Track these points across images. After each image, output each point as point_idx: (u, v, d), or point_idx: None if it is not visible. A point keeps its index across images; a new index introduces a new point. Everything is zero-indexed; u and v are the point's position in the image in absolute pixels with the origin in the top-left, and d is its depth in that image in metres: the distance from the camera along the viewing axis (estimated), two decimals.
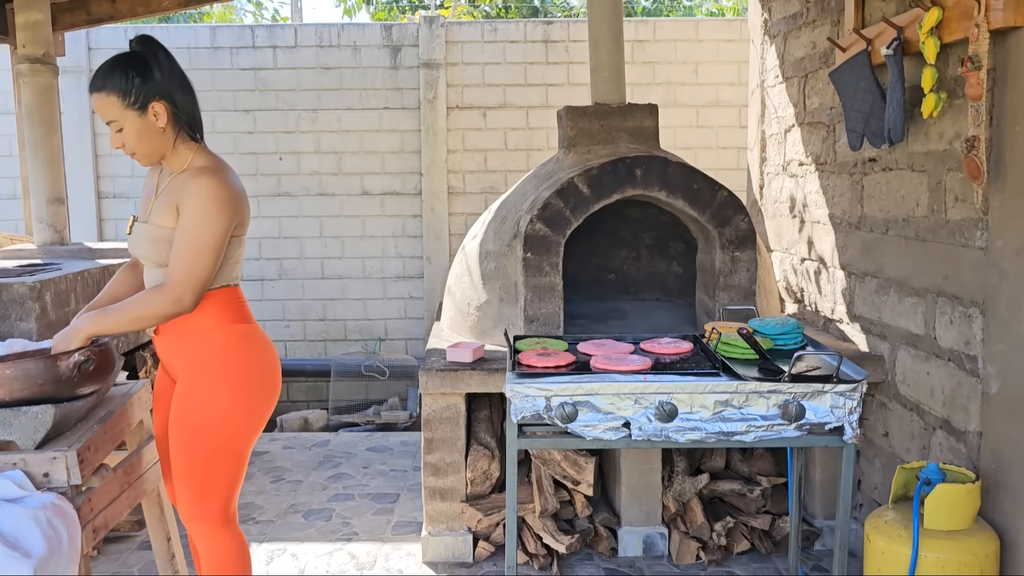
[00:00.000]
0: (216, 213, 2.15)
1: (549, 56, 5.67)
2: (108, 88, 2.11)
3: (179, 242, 2.14)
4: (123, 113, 2.12)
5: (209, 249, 2.15)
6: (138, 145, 2.17)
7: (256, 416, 2.30)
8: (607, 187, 3.30)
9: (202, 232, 2.14)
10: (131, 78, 2.12)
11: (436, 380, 3.12)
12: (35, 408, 2.05)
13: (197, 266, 2.14)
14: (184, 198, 2.15)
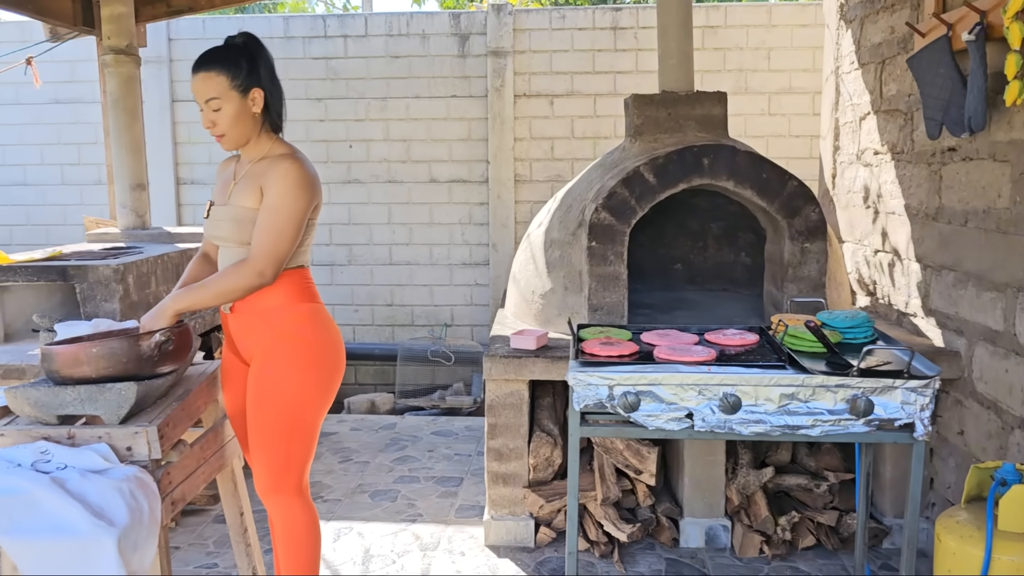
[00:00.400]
0: (298, 194, 2.28)
1: (617, 43, 5.63)
2: (218, 68, 2.24)
3: (263, 220, 2.27)
4: (227, 93, 2.24)
5: (290, 226, 2.27)
6: (231, 127, 2.29)
7: (326, 391, 2.41)
8: (673, 176, 3.27)
9: (285, 211, 2.27)
10: (240, 63, 2.27)
11: (500, 366, 3.16)
12: (119, 385, 2.15)
13: (279, 242, 2.27)
14: (268, 180, 2.28)
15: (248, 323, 2.38)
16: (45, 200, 6.14)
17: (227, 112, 2.27)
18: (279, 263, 2.28)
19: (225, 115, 2.27)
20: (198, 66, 2.27)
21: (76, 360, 2.14)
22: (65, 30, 4.75)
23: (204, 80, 2.25)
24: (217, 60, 2.26)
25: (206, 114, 2.29)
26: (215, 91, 2.25)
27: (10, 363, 3.16)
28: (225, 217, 2.36)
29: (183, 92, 5.94)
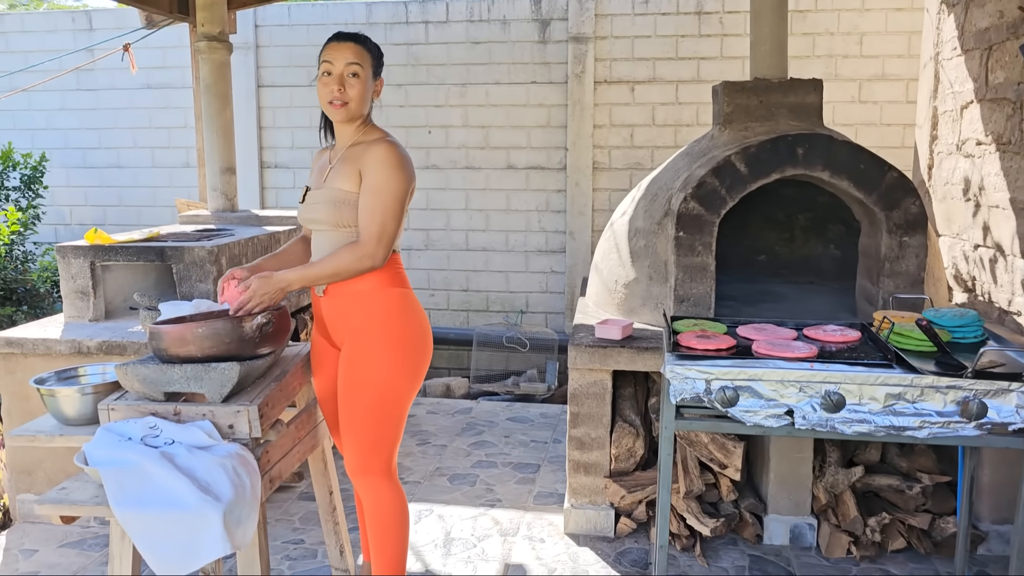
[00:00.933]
0: (398, 175, 2.33)
1: (702, 28, 5.52)
2: (367, 46, 2.39)
3: (366, 203, 2.32)
4: (367, 70, 2.36)
5: (394, 206, 2.33)
6: (356, 99, 2.37)
7: (415, 376, 2.46)
8: (765, 166, 3.20)
9: (387, 191, 2.32)
10: (378, 54, 2.43)
11: (585, 356, 3.15)
12: (223, 365, 2.22)
13: (386, 223, 2.33)
14: (367, 163, 2.34)
15: (341, 307, 2.43)
16: (137, 182, 6.35)
17: (360, 86, 2.35)
18: (389, 244, 2.34)
19: (357, 86, 2.35)
20: (347, 36, 2.38)
21: (183, 340, 2.21)
22: (160, 17, 4.89)
23: (354, 48, 2.36)
24: (366, 41, 2.39)
25: (337, 78, 2.35)
26: (360, 60, 2.35)
27: (112, 339, 3.29)
28: (320, 200, 2.41)
29: (269, 78, 6.07)
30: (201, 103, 4.49)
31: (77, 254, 3.51)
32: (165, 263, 3.50)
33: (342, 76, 2.34)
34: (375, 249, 2.32)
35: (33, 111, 6.40)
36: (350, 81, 2.34)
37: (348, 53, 2.34)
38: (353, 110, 2.38)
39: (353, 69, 2.33)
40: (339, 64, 2.35)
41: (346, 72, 2.34)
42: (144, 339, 3.26)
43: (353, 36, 2.38)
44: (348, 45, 2.35)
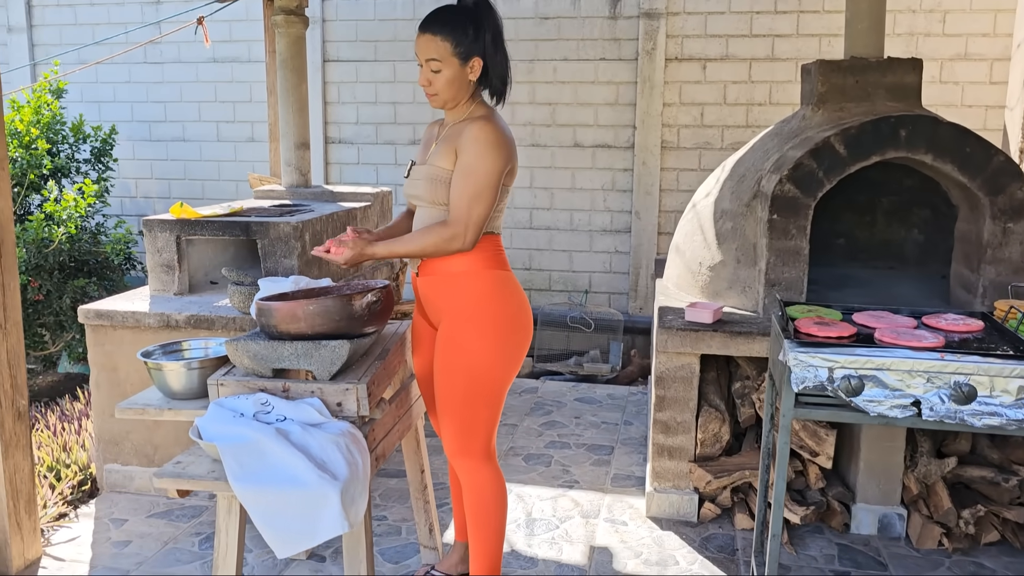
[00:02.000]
0: (491, 155, 2.28)
1: (778, 4, 5.38)
2: (444, 33, 2.28)
3: (457, 183, 2.29)
4: (447, 58, 2.28)
5: (486, 189, 2.29)
6: (445, 89, 2.32)
7: (513, 359, 2.43)
8: (866, 148, 3.11)
9: (479, 173, 2.28)
10: (467, 29, 2.29)
11: (676, 339, 3.10)
12: (333, 343, 2.21)
13: (475, 205, 2.29)
14: (462, 142, 2.30)
15: (436, 287, 2.41)
16: (202, 155, 6.40)
17: (444, 75, 2.30)
18: (477, 227, 2.30)
19: (442, 78, 2.30)
20: (425, 26, 2.31)
21: (294, 316, 2.21)
22: None
23: (428, 41, 2.29)
24: (444, 24, 2.28)
25: (424, 72, 2.32)
26: (436, 53, 2.27)
27: (200, 313, 3.31)
28: (421, 176, 2.39)
29: (335, 52, 6.05)
30: (276, 77, 4.48)
31: (163, 228, 3.54)
32: (250, 238, 3.51)
33: (427, 70, 2.30)
34: (462, 231, 2.29)
35: (100, 84, 6.46)
36: (432, 75, 2.30)
37: (424, 47, 2.28)
38: (445, 99, 2.34)
39: (432, 66, 2.28)
40: (420, 58, 2.31)
41: (426, 67, 2.30)
42: (231, 314, 3.28)
43: (433, 23, 2.27)
44: (425, 38, 2.28)
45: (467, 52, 2.28)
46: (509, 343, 2.40)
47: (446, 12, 2.32)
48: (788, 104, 5.45)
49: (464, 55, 2.28)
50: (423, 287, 2.45)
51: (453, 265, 2.36)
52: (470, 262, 2.36)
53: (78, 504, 3.37)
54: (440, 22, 2.28)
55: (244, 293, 3.21)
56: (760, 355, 3.08)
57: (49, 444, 3.66)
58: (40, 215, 4.77)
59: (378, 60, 5.97)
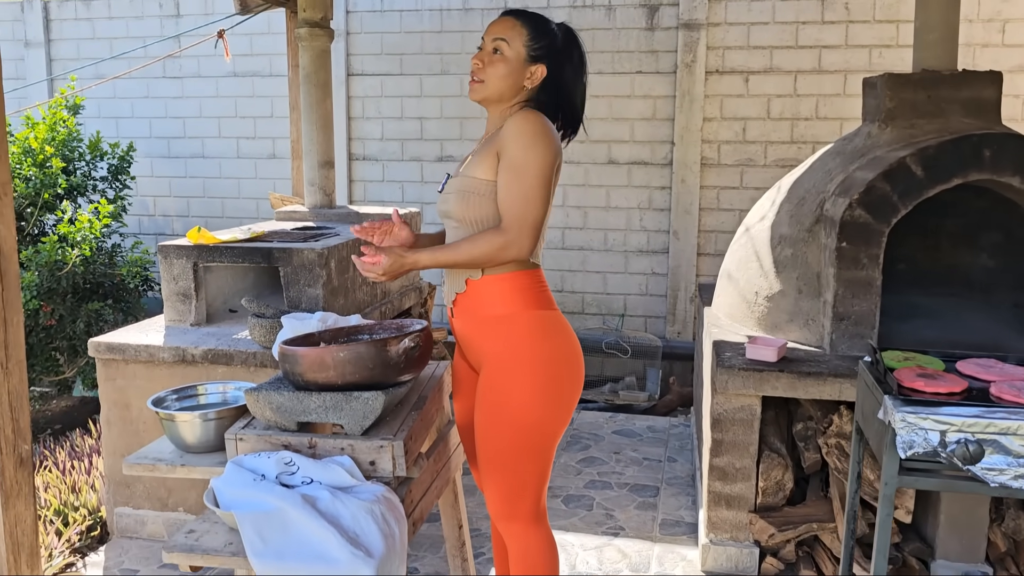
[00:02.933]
0: (540, 145, 2.00)
1: (825, 15, 5.11)
2: (526, 22, 2.09)
3: (506, 182, 2.01)
4: (516, 46, 2.07)
5: (538, 185, 2.00)
6: (495, 77, 2.07)
7: (564, 408, 2.14)
8: (946, 169, 2.83)
9: (529, 166, 2.00)
10: (548, 34, 2.11)
11: (738, 380, 2.82)
12: (367, 394, 1.96)
13: (529, 205, 2.00)
14: (505, 139, 2.03)
15: (475, 329, 2.13)
16: (221, 173, 6.20)
17: (502, 63, 2.06)
18: (534, 230, 2.01)
19: (499, 65, 2.06)
20: (509, 11, 2.13)
21: (322, 364, 1.96)
22: (257, 2, 4.68)
23: (507, 22, 2.09)
24: (530, 17, 2.11)
25: (482, 52, 2.09)
26: (508, 35, 2.06)
27: (217, 347, 3.07)
28: (452, 189, 2.13)
29: (359, 65, 5.83)
30: (300, 93, 4.26)
31: (180, 254, 3.31)
32: (272, 265, 3.27)
33: (487, 52, 2.07)
34: (518, 235, 2.00)
35: (117, 99, 6.29)
36: (491, 58, 2.05)
37: (498, 27, 2.07)
38: (488, 91, 2.08)
39: (497, 45, 2.05)
40: (487, 40, 2.08)
41: (489, 46, 2.07)
42: (251, 348, 3.04)
43: (514, 11, 2.11)
44: (502, 19, 2.09)
45: (537, 53, 2.07)
46: (559, 391, 2.11)
47: (535, 14, 2.14)
48: (836, 119, 5.17)
49: (533, 54, 2.07)
50: (460, 328, 2.18)
51: (491, 307, 2.08)
52: (510, 302, 2.07)
53: (86, 552, 3.14)
54: (527, 13, 2.11)
55: (265, 327, 2.97)
56: (831, 398, 2.79)
57: (57, 485, 3.43)
58: (54, 237, 4.57)
59: (404, 74, 5.75)
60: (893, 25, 5.04)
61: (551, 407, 2.10)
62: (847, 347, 2.96)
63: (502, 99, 2.09)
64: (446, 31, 5.62)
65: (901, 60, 5.05)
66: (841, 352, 2.96)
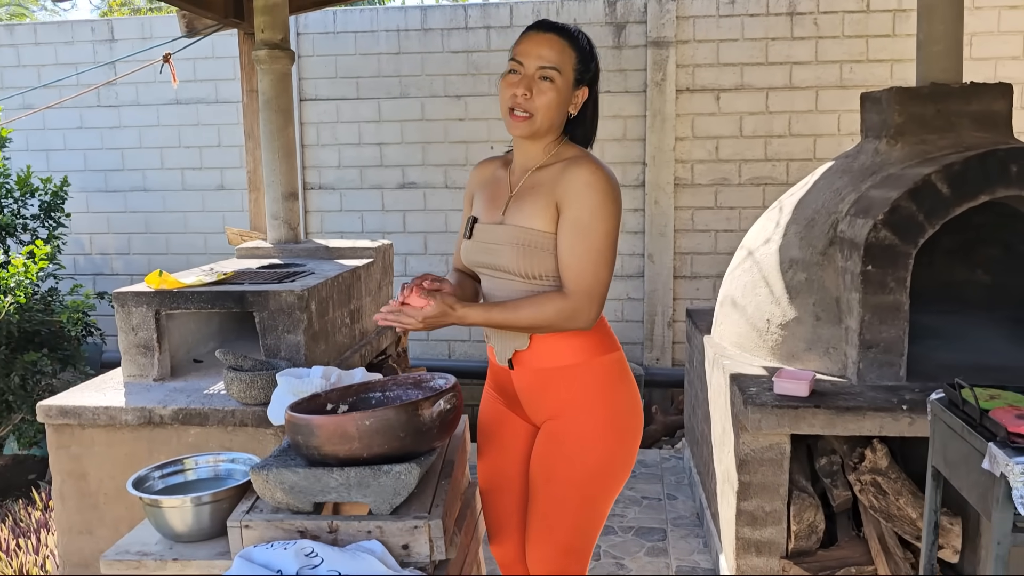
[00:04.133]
0: (610, 207, 1.82)
1: (795, 31, 5.03)
2: (574, 45, 1.85)
3: (573, 244, 1.80)
4: (567, 74, 1.83)
5: (607, 250, 1.82)
6: (546, 111, 1.84)
7: (630, 460, 1.98)
8: (973, 186, 2.70)
9: (600, 229, 1.81)
10: (592, 55, 1.90)
11: (771, 418, 2.62)
12: (398, 467, 1.68)
13: (600, 272, 1.82)
14: (568, 191, 1.81)
15: (540, 382, 1.93)
16: (165, 206, 5.79)
17: (552, 92, 1.82)
18: (602, 299, 1.84)
19: (549, 95, 1.82)
20: (549, 26, 1.85)
21: (345, 435, 1.67)
22: (205, 24, 4.35)
23: (555, 45, 1.82)
24: (573, 37, 1.85)
25: (526, 79, 1.82)
26: (558, 61, 1.81)
27: (189, 405, 2.73)
28: (502, 240, 1.88)
29: (311, 90, 5.52)
30: (257, 119, 3.95)
31: (139, 302, 2.95)
32: (246, 311, 2.95)
33: (531, 79, 1.82)
34: (587, 306, 1.81)
35: (48, 130, 5.83)
36: (540, 86, 1.81)
37: (545, 49, 1.80)
38: (539, 124, 1.85)
39: (547, 73, 1.80)
40: (530, 63, 1.81)
41: (535, 74, 1.81)
42: (228, 404, 2.71)
43: (558, 27, 1.84)
44: (547, 38, 1.82)
45: (582, 76, 1.85)
46: (632, 442, 1.98)
47: (573, 30, 1.88)
48: (810, 135, 5.09)
49: (579, 78, 1.85)
50: (521, 383, 1.96)
51: (558, 358, 1.88)
52: (583, 348, 1.88)
53: None
54: (571, 35, 1.85)
55: (245, 381, 2.65)
56: (871, 433, 2.61)
57: (2, 569, 3.02)
58: None
59: (361, 98, 5.46)
60: (862, 40, 4.99)
61: (621, 460, 1.94)
62: (876, 376, 2.79)
63: (549, 133, 1.88)
64: (404, 52, 5.36)
65: (872, 75, 5.01)
66: (870, 382, 2.79)
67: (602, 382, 1.90)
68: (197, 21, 4.32)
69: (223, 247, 5.63)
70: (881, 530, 2.74)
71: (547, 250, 1.83)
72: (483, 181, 2.04)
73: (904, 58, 4.98)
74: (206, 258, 5.72)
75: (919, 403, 2.58)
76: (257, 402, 2.69)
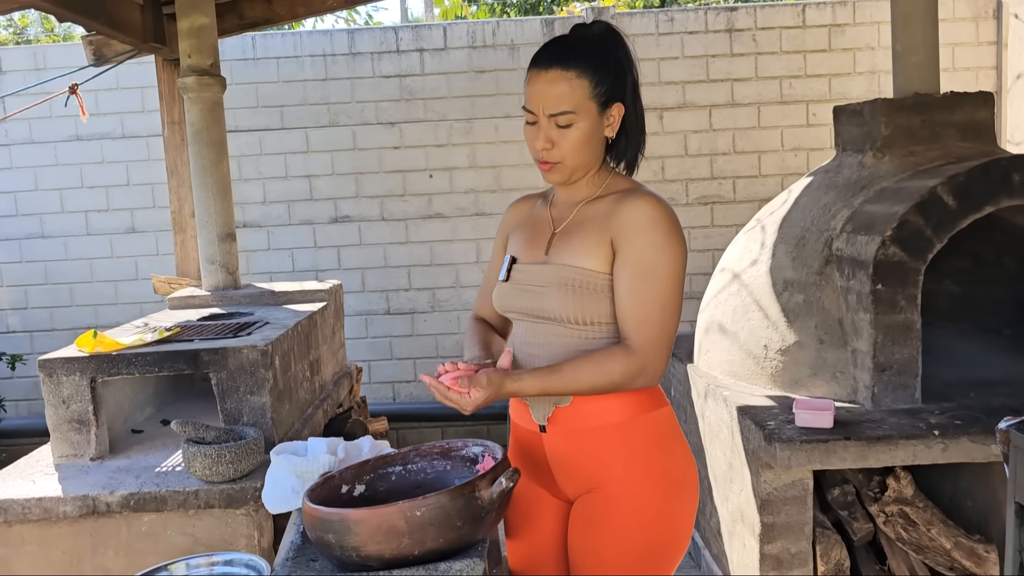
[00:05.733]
0: (675, 246, 1.59)
1: (734, 47, 4.98)
2: (582, 67, 1.56)
3: (634, 289, 1.57)
4: (585, 104, 1.57)
5: (674, 295, 1.59)
6: (576, 153, 1.60)
7: (689, 532, 1.73)
8: (978, 198, 2.61)
9: (665, 274, 1.58)
10: (608, 63, 1.59)
11: (801, 454, 2.42)
12: (458, 565, 1.39)
13: (667, 320, 1.58)
14: (628, 228, 1.58)
15: (578, 444, 1.65)
16: (67, 254, 5.23)
17: (579, 131, 1.57)
18: (669, 352, 1.60)
19: (574, 136, 1.57)
20: (549, 59, 1.57)
21: (392, 531, 1.37)
22: (112, 52, 3.93)
23: (558, 82, 1.55)
24: (581, 56, 1.55)
25: (545, 130, 1.57)
26: (572, 101, 1.55)
27: (142, 489, 2.34)
28: (548, 281, 1.63)
29: (231, 121, 5.07)
30: (186, 154, 3.56)
31: (71, 369, 2.53)
32: (200, 371, 2.57)
33: (548, 127, 1.57)
34: (654, 361, 1.57)
35: None
36: (560, 133, 1.57)
37: (550, 92, 1.55)
38: (570, 168, 1.62)
39: (563, 120, 1.56)
40: (543, 111, 1.57)
41: (550, 123, 1.57)
42: (189, 485, 2.33)
43: (559, 55, 1.57)
44: (550, 77, 1.55)
45: (608, 94, 1.59)
46: (689, 510, 1.72)
47: (576, 40, 1.60)
48: (754, 152, 5.04)
49: (605, 98, 1.58)
50: (555, 447, 1.68)
51: (606, 413, 1.62)
52: (630, 404, 1.63)
53: None
54: (574, 53, 1.56)
55: (211, 456, 2.29)
56: (904, 463, 2.46)
57: None
58: None
59: (286, 128, 5.09)
60: (800, 56, 4.99)
61: (679, 530, 1.68)
62: (891, 400, 2.66)
63: (590, 168, 1.65)
64: (332, 78, 5.03)
65: (811, 90, 5.01)
66: (884, 406, 2.65)
67: (653, 442, 1.65)
68: (107, 48, 3.89)
69: (138, 295, 5.13)
70: (911, 563, 2.59)
71: (601, 292, 1.59)
72: (519, 220, 1.79)
73: (841, 72, 5.00)
74: (117, 309, 5.20)
75: (947, 427, 2.46)
76: (225, 479, 2.33)
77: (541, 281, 1.63)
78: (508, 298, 1.70)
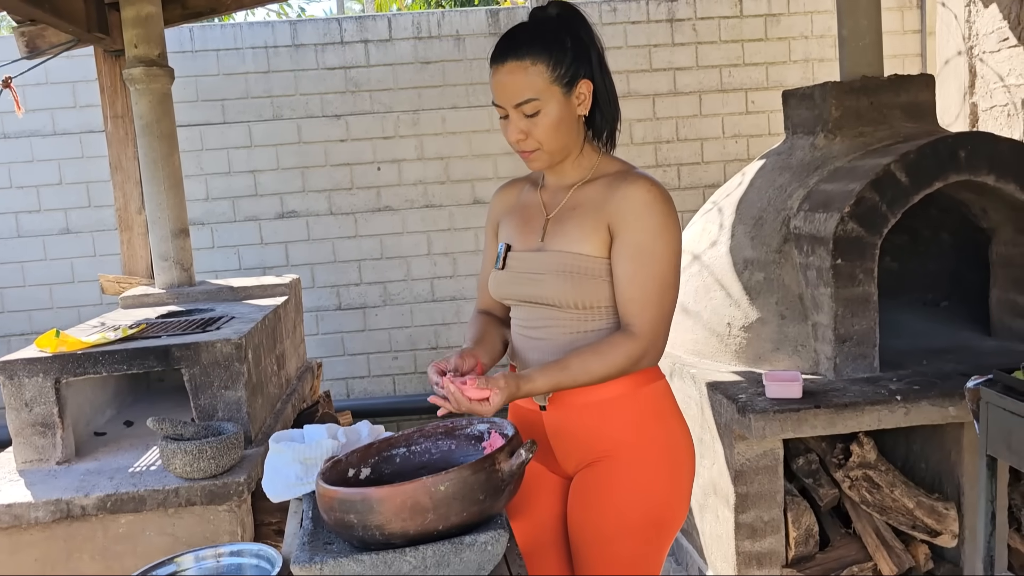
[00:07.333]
0: (672, 229, 1.61)
1: (675, 37, 5.09)
2: (535, 54, 1.55)
3: (632, 272, 1.59)
4: (548, 89, 1.56)
5: (672, 278, 1.62)
6: (551, 137, 1.60)
7: (687, 504, 1.76)
8: (927, 174, 2.74)
9: (662, 254, 1.60)
10: (564, 42, 1.58)
11: (775, 424, 2.51)
12: (483, 537, 1.40)
13: (665, 302, 1.61)
14: (625, 212, 1.60)
15: (577, 421, 1.68)
16: None
17: (547, 117, 1.57)
18: (667, 332, 1.63)
19: (544, 122, 1.58)
20: (503, 53, 1.57)
21: (417, 507, 1.38)
22: (47, 44, 3.77)
23: (514, 73, 1.56)
24: (533, 42, 1.56)
25: (515, 122, 1.58)
26: (532, 88, 1.55)
27: (118, 490, 2.28)
28: (545, 268, 1.64)
29: None
30: (139, 147, 3.46)
31: (34, 370, 2.44)
32: (172, 368, 2.51)
33: (518, 117, 1.58)
34: (656, 341, 1.61)
35: None
36: (530, 122, 1.58)
37: (509, 84, 1.56)
38: (552, 152, 1.62)
39: (528, 108, 1.56)
40: (507, 103, 1.58)
41: (517, 113, 1.58)
42: (167, 483, 2.28)
43: (516, 45, 1.57)
44: (507, 69, 1.56)
45: (571, 73, 1.58)
46: (687, 481, 1.75)
47: (526, 28, 1.61)
48: (696, 139, 5.16)
49: (568, 79, 1.58)
50: (555, 421, 1.70)
51: (602, 388, 1.64)
52: (630, 376, 1.65)
53: None
54: (525, 41, 1.57)
55: (192, 452, 2.24)
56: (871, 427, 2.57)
57: None
58: None
59: (228, 122, 4.97)
60: (738, 44, 5.13)
61: (681, 498, 1.73)
62: (851, 370, 2.77)
63: (571, 149, 1.66)
64: (275, 71, 4.94)
65: (749, 78, 5.16)
66: (846, 376, 2.77)
67: (651, 414, 1.68)
68: (40, 40, 3.73)
69: (75, 299, 4.96)
70: (875, 524, 2.71)
71: (599, 277, 1.61)
72: (508, 206, 1.80)
73: (777, 60, 5.16)
74: (52, 314, 5.01)
75: (907, 392, 2.58)
76: (206, 475, 2.28)
77: (539, 268, 1.65)
78: (505, 286, 1.71)
